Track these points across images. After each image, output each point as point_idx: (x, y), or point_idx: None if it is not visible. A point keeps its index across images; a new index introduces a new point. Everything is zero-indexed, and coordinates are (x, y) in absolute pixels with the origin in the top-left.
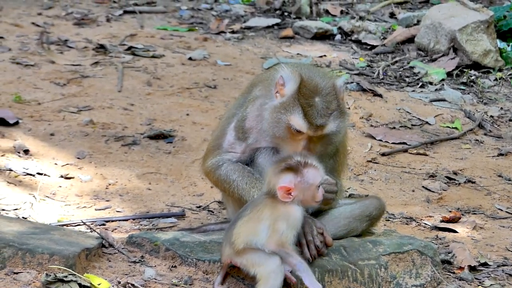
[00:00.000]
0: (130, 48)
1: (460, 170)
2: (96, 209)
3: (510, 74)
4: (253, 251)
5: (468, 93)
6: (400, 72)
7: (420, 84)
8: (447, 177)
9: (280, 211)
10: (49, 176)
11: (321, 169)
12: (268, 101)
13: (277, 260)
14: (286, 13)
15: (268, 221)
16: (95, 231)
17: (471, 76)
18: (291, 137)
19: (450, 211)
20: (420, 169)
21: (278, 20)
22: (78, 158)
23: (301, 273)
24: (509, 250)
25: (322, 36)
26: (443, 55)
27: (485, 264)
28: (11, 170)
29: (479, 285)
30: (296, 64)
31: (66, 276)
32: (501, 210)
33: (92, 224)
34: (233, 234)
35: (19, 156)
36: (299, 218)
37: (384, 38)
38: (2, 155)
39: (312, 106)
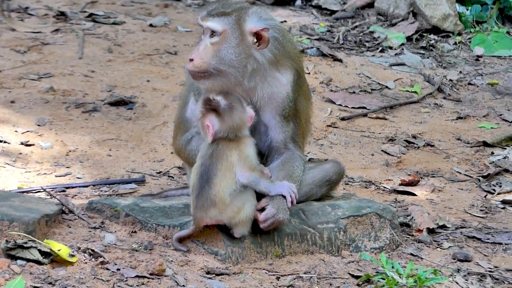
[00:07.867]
0: (91, 15)
1: (419, 134)
2: (56, 176)
3: (469, 38)
4: (233, 197)
5: (428, 57)
6: (360, 37)
7: (380, 48)
8: (406, 140)
9: (236, 145)
10: (9, 143)
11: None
12: None
13: (250, 190)
14: None
15: (236, 160)
16: (55, 198)
17: (430, 40)
18: None
19: (409, 174)
20: (380, 133)
21: None
22: (39, 125)
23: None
24: (467, 213)
25: (283, 2)
26: (402, 20)
27: (443, 227)
28: None
29: (437, 247)
30: None
31: (26, 242)
32: (460, 173)
33: (52, 190)
34: (213, 194)
35: None
36: (253, 143)
37: (344, 3)
38: None
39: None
